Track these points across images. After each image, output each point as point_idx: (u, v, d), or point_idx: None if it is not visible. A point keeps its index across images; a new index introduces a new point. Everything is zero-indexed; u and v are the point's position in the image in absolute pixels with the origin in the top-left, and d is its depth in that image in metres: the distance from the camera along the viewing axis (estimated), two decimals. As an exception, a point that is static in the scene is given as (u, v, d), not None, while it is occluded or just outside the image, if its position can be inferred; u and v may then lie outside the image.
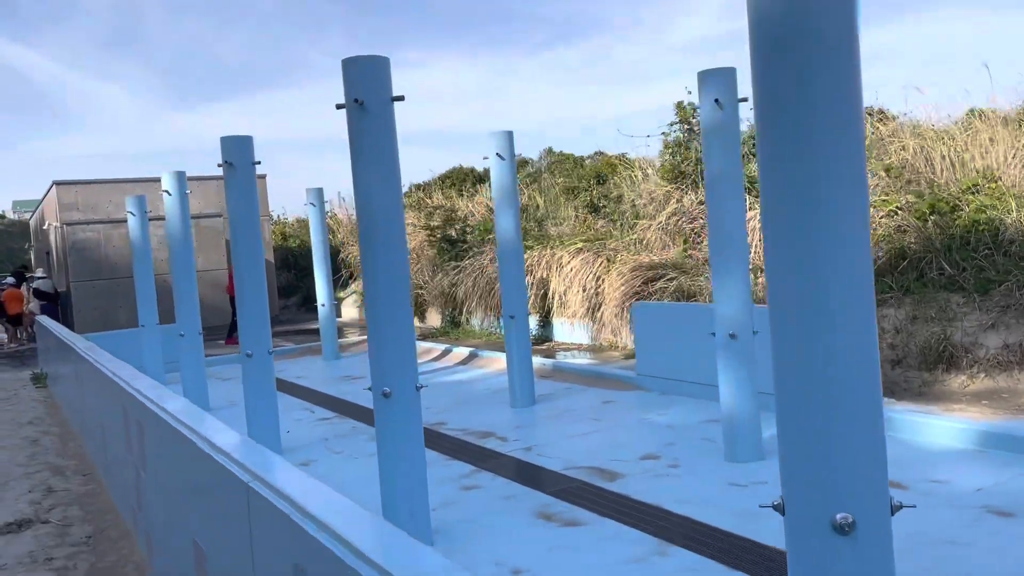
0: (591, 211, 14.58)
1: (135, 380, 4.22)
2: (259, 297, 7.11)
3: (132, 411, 4.06)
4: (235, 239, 6.99)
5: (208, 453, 2.91)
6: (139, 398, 3.73)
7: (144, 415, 3.71)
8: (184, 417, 3.22)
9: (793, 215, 2.14)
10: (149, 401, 3.56)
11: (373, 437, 7.89)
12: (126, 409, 4.29)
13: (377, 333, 4.58)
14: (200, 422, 3.21)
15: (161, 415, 3.29)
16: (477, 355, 11.49)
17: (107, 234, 17.99)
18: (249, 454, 2.89)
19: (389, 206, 4.59)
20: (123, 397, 4.27)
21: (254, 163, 7.08)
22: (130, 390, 3.98)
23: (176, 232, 9.31)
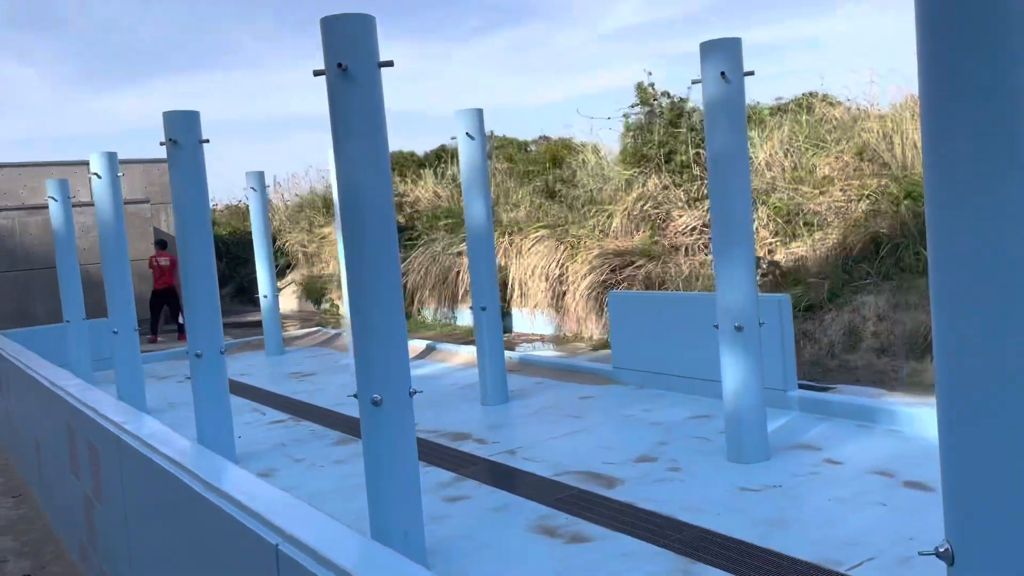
0: (547, 196, 14.11)
1: (85, 394, 3.55)
2: (210, 290, 6.41)
3: (83, 431, 3.40)
4: (182, 226, 6.27)
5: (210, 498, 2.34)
6: (94, 417, 3.08)
7: (101, 438, 3.08)
8: (168, 449, 2.62)
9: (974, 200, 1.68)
10: (111, 423, 2.92)
11: (336, 442, 7.33)
12: (72, 428, 3.62)
13: (365, 332, 4.00)
14: (199, 459, 2.61)
15: (130, 442, 2.68)
16: (435, 348, 10.93)
17: (22, 221, 16.64)
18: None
19: (377, 187, 4.02)
20: (69, 413, 3.60)
21: (202, 140, 6.36)
22: (80, 407, 3.32)
23: (107, 219, 8.46)
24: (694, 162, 11.72)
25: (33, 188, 17.72)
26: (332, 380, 9.89)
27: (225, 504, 2.22)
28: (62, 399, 3.65)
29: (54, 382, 3.91)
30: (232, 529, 2.12)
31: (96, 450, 3.14)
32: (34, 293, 16.77)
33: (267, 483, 2.58)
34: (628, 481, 5.24)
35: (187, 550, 2.44)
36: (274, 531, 2.05)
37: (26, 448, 5.16)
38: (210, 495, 2.27)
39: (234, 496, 2.21)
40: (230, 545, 2.21)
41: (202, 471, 2.37)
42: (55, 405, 3.84)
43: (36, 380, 4.22)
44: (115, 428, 2.85)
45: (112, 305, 8.42)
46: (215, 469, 2.43)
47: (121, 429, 2.81)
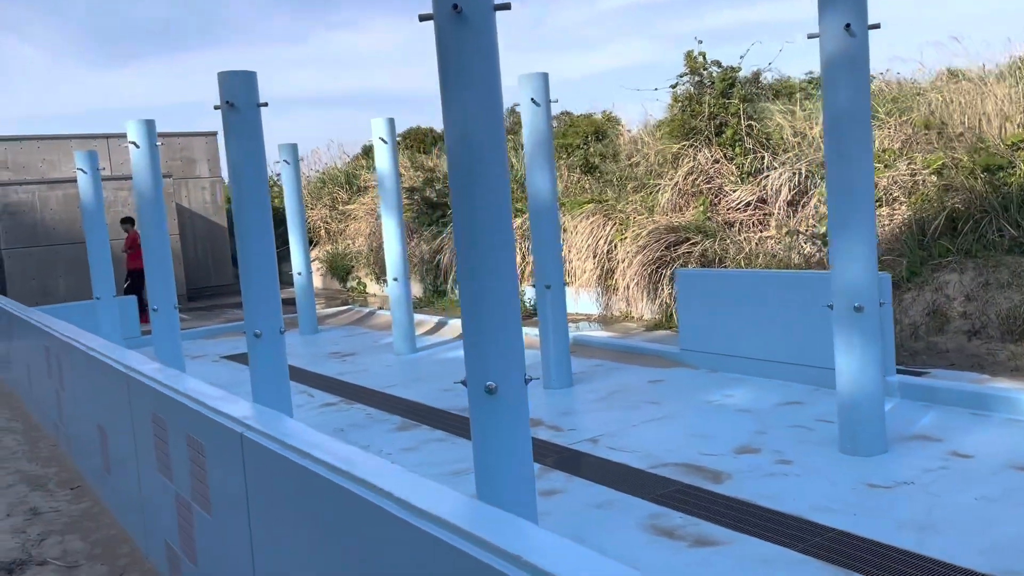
0: (586, 171, 13.60)
1: (179, 382, 3.09)
2: (268, 266, 5.96)
3: (180, 425, 2.96)
4: (239, 196, 5.82)
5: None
6: (203, 412, 2.63)
7: (212, 435, 2.64)
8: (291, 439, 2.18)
9: None
10: (230, 419, 2.47)
11: (398, 427, 6.91)
12: (161, 420, 3.19)
13: (478, 315, 3.56)
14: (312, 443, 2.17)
15: (273, 447, 2.23)
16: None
17: (42, 196, 16.17)
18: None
19: (491, 143, 3.55)
20: (157, 403, 3.17)
21: (260, 104, 5.88)
22: (179, 398, 2.87)
23: (146, 190, 7.99)
24: (746, 135, 11.19)
25: (52, 161, 17.27)
26: (376, 360, 9.48)
27: (402, 512, 1.81)
28: (146, 386, 3.22)
29: (131, 366, 3.47)
30: (409, 537, 1.72)
31: (201, 447, 2.70)
32: (55, 270, 16.36)
33: (427, 480, 2.15)
34: (736, 475, 4.82)
35: (350, 564, 2.02)
36: (439, 525, 1.66)
37: (84, 436, 4.74)
38: (387, 504, 1.84)
39: (413, 503, 1.79)
40: (399, 552, 1.79)
41: (369, 475, 1.94)
42: (135, 393, 3.41)
43: (104, 363, 3.79)
44: (238, 426, 2.41)
45: (152, 281, 7.99)
46: (380, 471, 2.00)
47: (247, 427, 2.37)
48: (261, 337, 5.95)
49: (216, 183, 19.36)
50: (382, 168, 9.59)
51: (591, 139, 13.96)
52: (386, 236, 9.74)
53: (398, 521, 1.78)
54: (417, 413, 6.94)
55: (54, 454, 5.37)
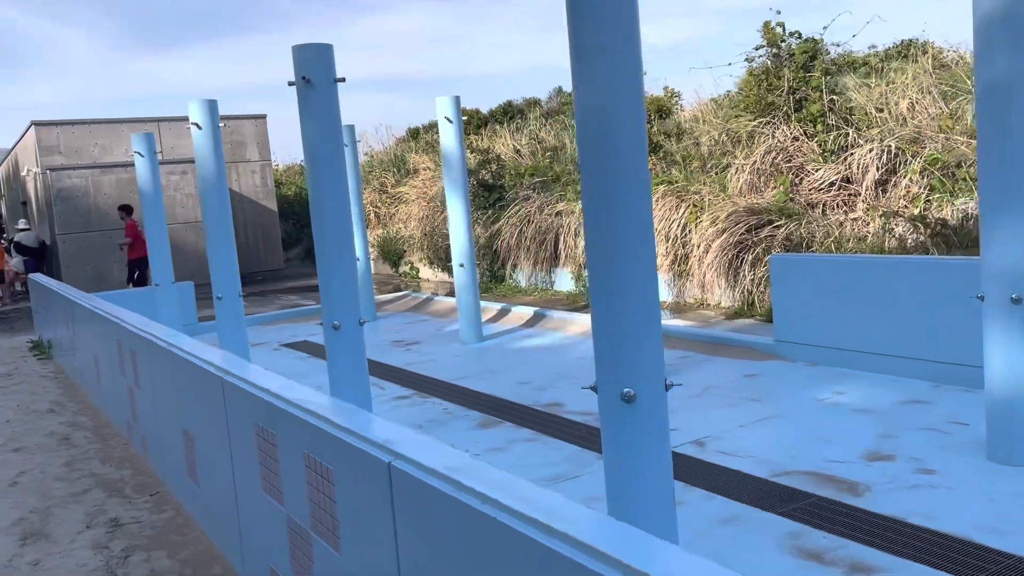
0: (651, 150, 13.03)
1: (294, 393, 2.68)
2: (346, 254, 5.59)
3: (296, 443, 2.56)
4: (315, 178, 5.43)
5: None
6: (334, 433, 2.21)
7: (345, 459, 2.23)
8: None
9: None
10: (372, 445, 2.06)
11: (480, 424, 6.51)
12: (270, 435, 2.80)
13: (613, 311, 3.11)
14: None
15: (424, 478, 1.81)
16: (545, 315, 10.05)
17: (95, 181, 16.09)
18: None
19: (631, 118, 3.08)
20: (268, 416, 2.78)
21: (337, 79, 5.48)
22: (299, 413, 2.46)
23: (209, 173, 7.67)
24: (829, 110, 10.54)
25: (104, 146, 17.19)
26: (443, 350, 9.10)
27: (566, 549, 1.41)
28: (248, 394, 2.84)
29: (227, 369, 3.09)
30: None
31: (327, 472, 2.30)
32: (109, 255, 16.29)
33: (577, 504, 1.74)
34: (874, 487, 4.32)
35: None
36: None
37: (164, 440, 4.40)
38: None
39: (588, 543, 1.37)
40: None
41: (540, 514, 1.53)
42: (234, 400, 3.03)
43: (193, 364, 3.43)
44: (384, 453, 2.00)
45: (215, 268, 7.68)
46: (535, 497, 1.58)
47: (395, 454, 1.96)
48: (340, 329, 5.60)
49: (266, 167, 19.14)
50: (448, 148, 9.16)
51: (654, 117, 13.38)
52: (452, 219, 9.32)
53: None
54: (497, 408, 6.53)
55: (127, 455, 5.07)
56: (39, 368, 8.72)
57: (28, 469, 4.81)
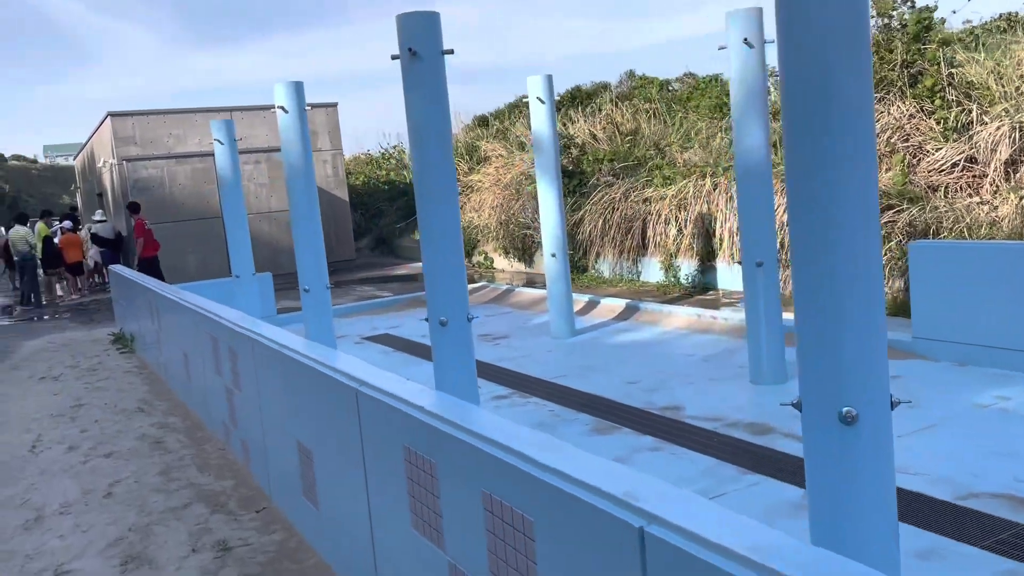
0: (743, 133, 12.27)
1: (460, 412, 2.19)
2: (454, 244, 5.11)
3: (453, 466, 2.07)
4: (422, 157, 4.96)
5: None
6: (499, 456, 1.72)
7: (526, 495, 1.73)
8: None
9: None
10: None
11: (593, 429, 5.97)
12: (418, 456, 2.32)
13: (827, 313, 2.54)
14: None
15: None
16: (639, 308, 9.46)
17: (170, 171, 16.05)
18: None
19: (857, 81, 2.50)
20: (397, 426, 2.30)
21: (444, 51, 4.99)
22: (452, 430, 1.98)
23: (296, 159, 7.29)
24: (948, 84, 9.66)
25: (178, 136, 17.15)
26: (534, 344, 8.60)
27: None
28: (396, 411, 2.36)
29: (363, 379, 2.63)
30: None
31: (522, 522, 1.80)
32: (185, 245, 16.26)
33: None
34: (1091, 515, 3.65)
35: None
36: None
37: (272, 449, 3.98)
38: None
39: None
40: None
41: None
42: (373, 416, 2.56)
43: (315, 369, 2.98)
44: (623, 511, 1.49)
45: (302, 259, 7.32)
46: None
47: (647, 516, 1.45)
48: (447, 325, 5.13)
49: (337, 156, 18.92)
50: (539, 131, 8.62)
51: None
52: (543, 207, 8.79)
53: None
54: (608, 411, 6.00)
55: (225, 461, 4.70)
56: (123, 362, 8.52)
57: (122, 478, 4.48)
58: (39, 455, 5.22)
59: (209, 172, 16.54)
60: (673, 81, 27.45)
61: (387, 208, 22.25)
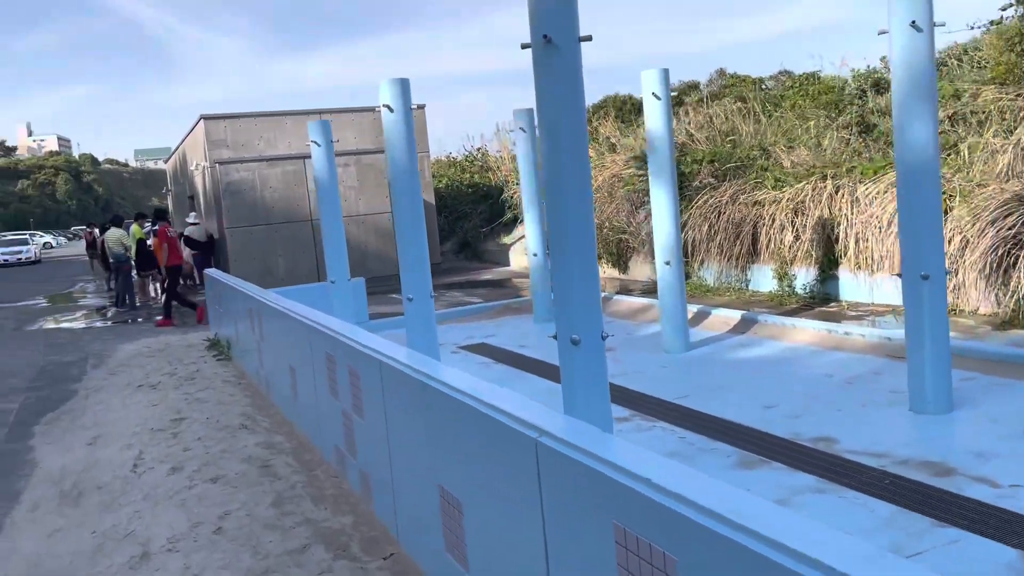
0: (864, 131, 11.38)
1: (644, 465, 1.66)
2: (588, 255, 4.57)
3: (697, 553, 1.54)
4: (553, 153, 4.44)
5: None
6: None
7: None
8: None
9: None
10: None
11: (738, 462, 5.30)
12: (627, 533, 1.77)
13: None
14: None
15: None
16: (756, 321, 8.73)
17: (262, 174, 16.03)
18: None
19: None
20: (598, 487, 1.76)
21: (581, 38, 4.46)
22: (645, 490, 1.45)
23: (401, 159, 6.89)
24: (1112, 75, 8.62)
25: (268, 139, 17.17)
26: (645, 359, 7.99)
27: None
28: (607, 479, 1.82)
29: (552, 432, 2.10)
30: None
31: None
32: (275, 248, 16.23)
33: None
34: None
35: None
36: None
37: (404, 491, 3.47)
38: None
39: None
40: None
41: None
42: (572, 477, 2.02)
43: (476, 410, 2.48)
44: None
45: (406, 266, 6.92)
46: None
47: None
48: (579, 344, 4.60)
49: (424, 158, 18.66)
50: (654, 129, 8.01)
51: (868, 92, 11.69)
52: (656, 210, 8.17)
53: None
54: (749, 440, 5.36)
55: (341, 492, 4.26)
56: (220, 371, 8.28)
57: (232, 509, 4.10)
58: (141, 476, 4.92)
59: (299, 175, 16.48)
60: (767, 79, 26.36)
61: (471, 211, 21.92)
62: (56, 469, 5.37)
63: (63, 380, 8.84)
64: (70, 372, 9.33)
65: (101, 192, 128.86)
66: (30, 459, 5.81)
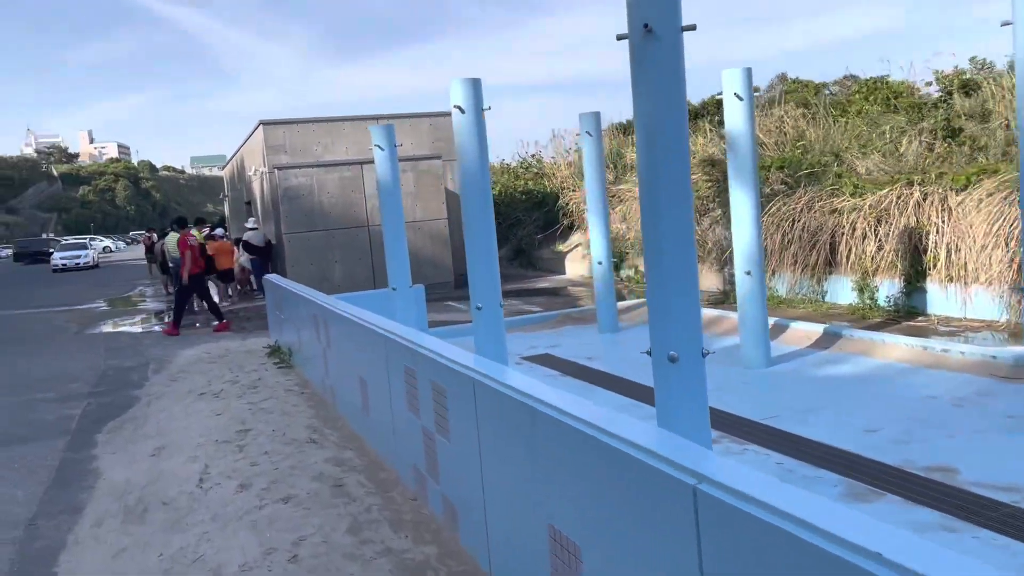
0: (949, 135, 10.76)
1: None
2: (689, 264, 4.21)
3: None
4: (650, 159, 4.10)
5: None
6: None
7: None
8: None
9: None
10: None
11: (847, 493, 4.91)
12: None
13: None
14: None
15: None
16: (840, 334, 8.22)
17: (319, 179, 15.96)
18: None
19: None
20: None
21: (684, 27, 4.11)
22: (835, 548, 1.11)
23: (472, 165, 6.62)
24: None
25: (326, 144, 17.11)
26: (723, 374, 7.54)
27: None
28: (786, 534, 1.48)
29: (714, 478, 1.77)
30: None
31: None
32: (332, 254, 16.13)
33: None
34: None
35: None
36: None
37: (500, 525, 3.12)
38: None
39: None
40: None
41: None
42: (746, 535, 1.68)
43: (613, 447, 2.12)
44: None
45: (475, 273, 6.64)
46: None
47: None
48: (677, 361, 4.23)
49: (479, 164, 18.44)
50: (735, 130, 7.59)
51: (955, 94, 11.06)
52: (736, 217, 7.75)
53: None
54: (856, 469, 4.91)
55: (421, 518, 3.94)
56: (282, 379, 8.08)
57: (307, 534, 3.81)
58: (208, 492, 4.68)
59: (356, 181, 16.38)
60: (830, 84, 25.57)
61: (525, 218, 21.62)
62: (120, 481, 5.19)
63: (125, 385, 8.76)
64: (131, 377, 9.25)
65: (158, 198, 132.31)
66: (93, 469, 5.65)
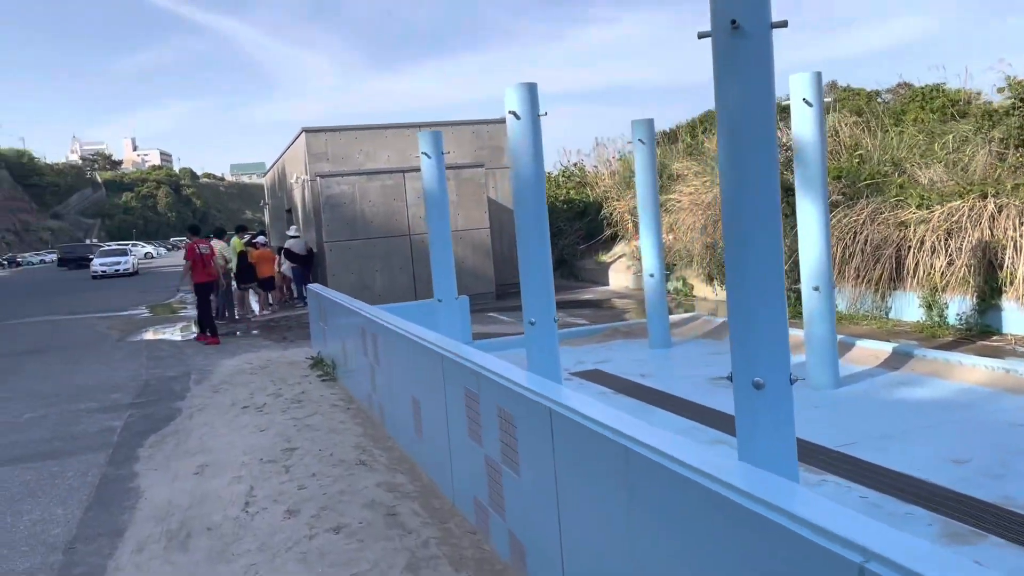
0: (1021, 144, 10.21)
1: None
2: (774, 282, 3.86)
3: None
4: (735, 162, 3.77)
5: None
6: None
7: None
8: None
9: None
10: None
11: (938, 532, 4.45)
12: None
13: None
14: None
15: None
16: (911, 354, 7.75)
17: (361, 188, 15.80)
18: None
19: None
20: None
21: (774, 24, 3.78)
22: None
23: (527, 173, 6.31)
24: None
25: (368, 152, 16.98)
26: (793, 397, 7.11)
27: None
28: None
29: (801, 517, 1.45)
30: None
31: None
32: (373, 264, 15.96)
33: None
34: None
35: None
36: None
37: (579, 570, 2.83)
38: None
39: None
40: None
41: None
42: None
43: (729, 499, 1.84)
44: None
45: (528, 286, 6.34)
46: None
47: None
48: (763, 388, 3.88)
49: (521, 173, 18.17)
50: (803, 138, 7.19)
51: (1013, 110, 10.51)
52: (803, 229, 7.34)
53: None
54: (948, 504, 4.49)
55: (484, 556, 3.62)
56: (327, 393, 7.84)
57: (362, 571, 3.51)
58: (254, 517, 4.43)
59: (398, 189, 16.20)
60: (883, 92, 24.83)
61: (567, 228, 21.29)
62: (162, 502, 4.97)
63: (167, 397, 8.60)
64: (173, 388, 9.10)
65: (199, 205, 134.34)
66: (134, 487, 5.44)
